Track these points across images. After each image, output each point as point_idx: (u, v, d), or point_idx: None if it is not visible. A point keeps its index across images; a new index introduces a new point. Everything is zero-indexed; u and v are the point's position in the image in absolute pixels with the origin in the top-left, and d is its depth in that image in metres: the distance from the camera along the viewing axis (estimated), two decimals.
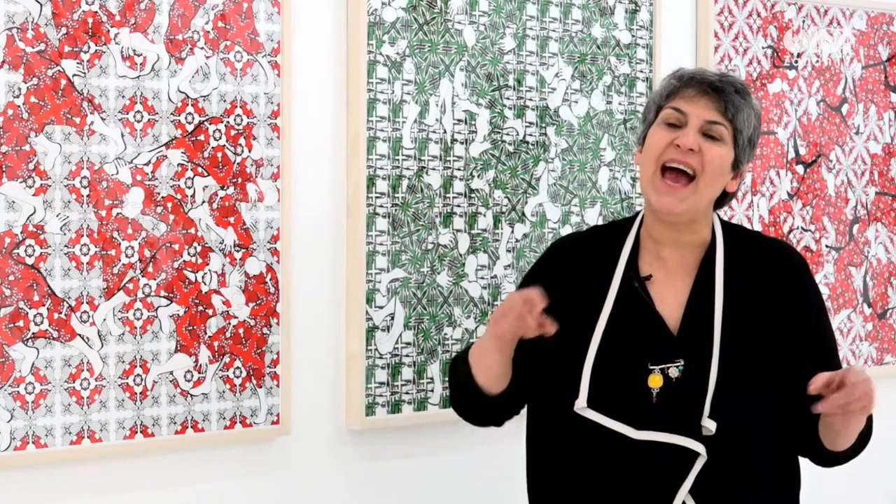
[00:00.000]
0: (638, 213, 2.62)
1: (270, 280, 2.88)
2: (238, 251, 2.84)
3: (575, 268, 2.59)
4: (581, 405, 2.48)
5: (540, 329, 2.39)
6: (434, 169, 3.10)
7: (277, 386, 2.89)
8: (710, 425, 2.44)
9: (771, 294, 2.54)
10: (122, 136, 2.70)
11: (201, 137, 2.79)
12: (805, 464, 2.62)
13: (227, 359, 2.83)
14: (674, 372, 2.47)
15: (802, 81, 3.77)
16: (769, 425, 2.47)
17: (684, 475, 2.44)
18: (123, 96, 2.70)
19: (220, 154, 2.81)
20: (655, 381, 2.47)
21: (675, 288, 2.54)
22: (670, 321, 2.51)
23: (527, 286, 2.61)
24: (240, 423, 2.85)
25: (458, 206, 3.14)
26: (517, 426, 2.68)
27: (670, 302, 2.53)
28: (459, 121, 3.14)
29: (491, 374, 2.52)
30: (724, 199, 2.57)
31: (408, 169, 3.06)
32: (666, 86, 2.53)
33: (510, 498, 3.27)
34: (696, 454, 2.44)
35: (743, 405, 2.45)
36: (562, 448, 2.55)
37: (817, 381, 2.35)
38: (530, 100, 3.25)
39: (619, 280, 2.53)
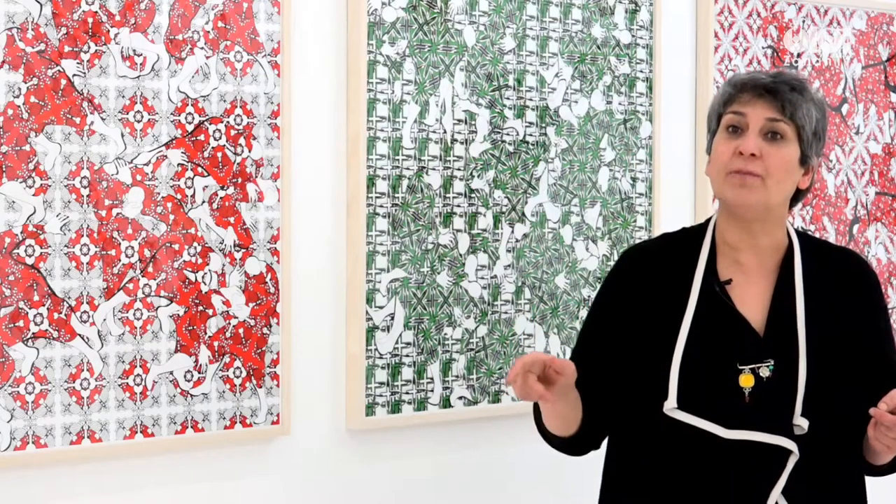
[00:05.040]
0: (709, 220, 2.62)
1: (270, 280, 2.88)
2: (238, 251, 2.84)
3: (652, 274, 2.59)
4: (671, 406, 2.47)
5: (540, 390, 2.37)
6: (434, 169, 3.10)
7: (277, 386, 2.89)
8: (802, 423, 2.45)
9: (846, 300, 2.57)
10: (122, 136, 2.70)
11: (201, 137, 2.79)
12: None
13: (227, 359, 2.83)
14: (765, 371, 2.48)
15: None
16: (856, 422, 2.47)
17: (776, 475, 2.45)
18: (123, 96, 2.70)
19: (220, 154, 2.81)
20: (747, 381, 2.47)
21: (756, 291, 2.55)
22: (754, 323, 2.52)
23: (603, 297, 2.65)
24: (240, 423, 2.85)
25: (458, 206, 3.14)
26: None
27: (752, 304, 2.54)
28: (459, 121, 3.14)
29: (557, 422, 2.56)
30: (797, 196, 2.58)
31: (408, 169, 3.06)
32: (722, 93, 2.56)
33: (510, 498, 3.27)
34: (785, 454, 2.45)
35: (832, 403, 2.48)
36: (649, 450, 2.54)
37: (883, 406, 2.35)
38: (530, 100, 3.25)
39: (699, 284, 2.53)
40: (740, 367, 2.48)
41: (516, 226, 3.24)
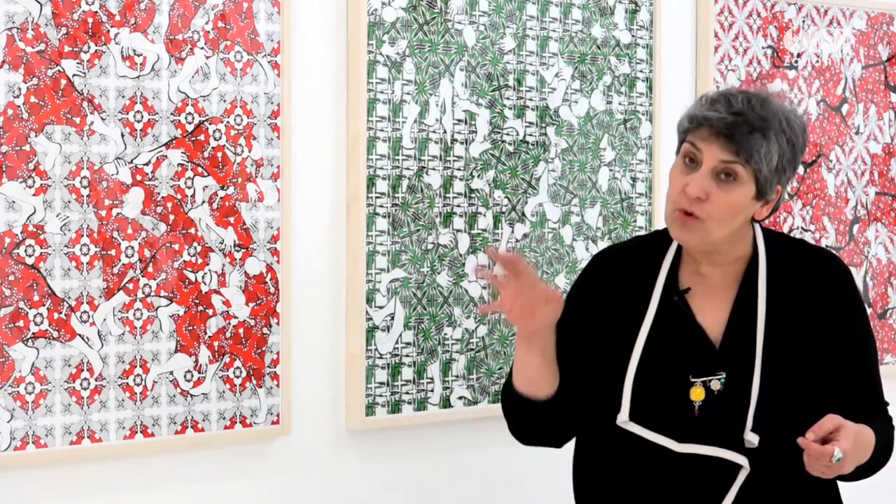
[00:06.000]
0: None
1: (270, 280, 2.88)
2: (238, 251, 2.84)
3: (617, 278, 2.56)
4: (623, 419, 2.45)
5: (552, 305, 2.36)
6: (434, 169, 3.10)
7: (277, 386, 2.89)
8: (752, 438, 2.42)
9: (815, 305, 2.53)
10: (122, 136, 2.70)
11: (201, 137, 2.79)
12: None
13: (227, 359, 2.83)
14: (716, 385, 2.45)
15: (802, 81, 3.77)
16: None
17: (727, 488, 2.43)
18: (123, 96, 2.70)
19: (220, 154, 2.82)
20: (697, 394, 2.45)
21: (717, 301, 2.52)
22: (712, 334, 2.49)
23: (571, 299, 2.60)
24: (240, 423, 2.85)
25: (458, 206, 3.14)
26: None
27: (711, 315, 2.51)
28: (459, 121, 3.14)
29: (528, 374, 2.48)
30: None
31: (408, 169, 3.06)
32: (681, 123, 2.49)
33: (509, 498, 3.27)
34: (738, 467, 2.43)
35: (785, 418, 2.44)
36: (604, 461, 2.53)
37: (810, 436, 2.33)
38: (530, 100, 3.25)
39: (659, 293, 2.51)
40: (692, 380, 2.46)
41: (516, 226, 3.24)
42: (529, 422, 2.54)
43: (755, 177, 2.42)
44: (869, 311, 3.92)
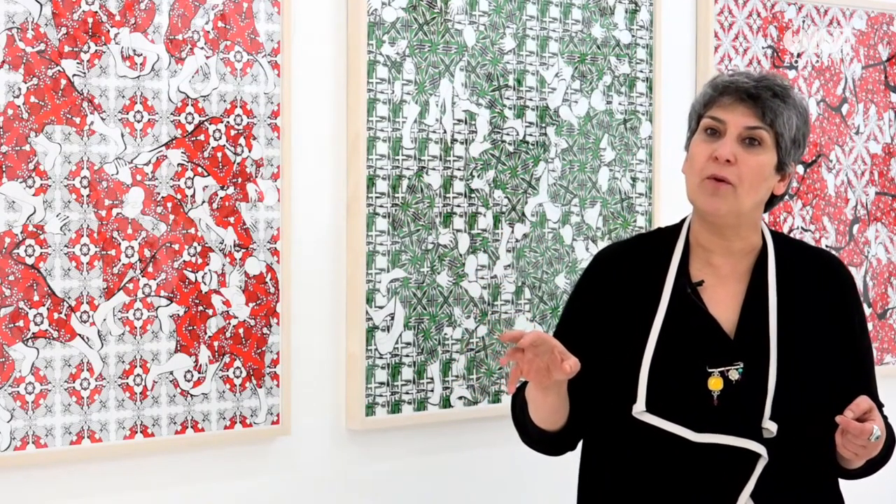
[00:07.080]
0: (684, 220, 2.61)
1: (270, 280, 2.88)
2: (238, 251, 2.84)
3: (623, 275, 2.57)
4: (639, 409, 2.46)
5: (561, 367, 2.37)
6: (434, 169, 3.10)
7: (277, 386, 2.89)
8: (771, 427, 2.44)
9: (820, 302, 2.56)
10: (122, 136, 2.70)
11: (201, 137, 2.79)
12: None
13: (227, 359, 2.83)
14: (734, 374, 2.47)
15: (802, 81, 3.77)
16: (826, 426, 2.46)
17: (745, 478, 2.44)
18: (123, 96, 2.70)
19: (220, 154, 2.82)
20: (716, 384, 2.46)
21: (728, 293, 2.54)
22: (725, 325, 2.50)
23: (576, 299, 2.63)
24: (240, 423, 2.85)
25: (458, 206, 3.14)
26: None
27: (724, 307, 2.52)
28: (459, 121, 3.14)
29: (543, 413, 2.52)
30: (772, 201, 2.57)
31: (408, 169, 3.06)
32: (703, 94, 2.54)
33: (509, 498, 3.27)
34: (755, 457, 2.44)
35: (802, 407, 2.46)
36: (617, 456, 2.53)
37: (849, 414, 2.36)
38: (530, 100, 3.25)
39: (671, 286, 2.52)
40: (710, 370, 2.47)
41: (516, 226, 3.24)
42: (546, 446, 2.61)
43: (777, 143, 2.48)
44: (869, 311, 3.92)
